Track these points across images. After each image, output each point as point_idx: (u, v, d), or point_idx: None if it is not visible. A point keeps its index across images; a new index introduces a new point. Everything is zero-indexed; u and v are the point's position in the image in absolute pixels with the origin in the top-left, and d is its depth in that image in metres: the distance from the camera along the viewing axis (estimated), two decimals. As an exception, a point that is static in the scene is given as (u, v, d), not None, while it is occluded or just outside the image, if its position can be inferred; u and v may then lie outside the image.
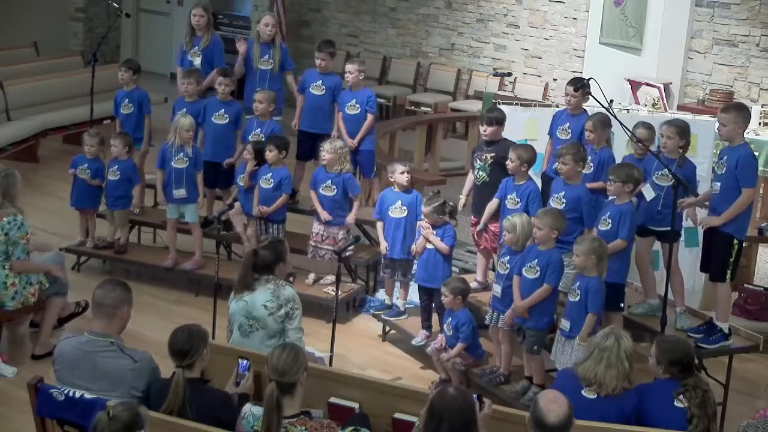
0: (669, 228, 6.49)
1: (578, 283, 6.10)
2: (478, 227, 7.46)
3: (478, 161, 7.52)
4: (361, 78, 8.56)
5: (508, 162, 7.07)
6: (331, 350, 6.58)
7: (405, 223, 7.50)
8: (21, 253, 6.72)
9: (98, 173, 8.42)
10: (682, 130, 6.71)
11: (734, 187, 6.34)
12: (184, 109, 8.55)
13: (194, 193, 8.15)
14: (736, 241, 6.40)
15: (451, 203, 7.24)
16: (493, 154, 7.41)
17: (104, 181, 8.41)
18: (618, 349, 5.10)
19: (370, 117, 8.54)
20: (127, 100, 8.86)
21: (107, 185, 8.41)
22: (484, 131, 7.49)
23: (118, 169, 8.34)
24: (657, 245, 7.05)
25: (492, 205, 7.27)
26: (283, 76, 9.05)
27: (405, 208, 7.50)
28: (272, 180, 7.95)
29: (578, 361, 5.27)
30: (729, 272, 6.44)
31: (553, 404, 4.17)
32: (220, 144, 8.51)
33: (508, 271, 6.51)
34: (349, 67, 8.54)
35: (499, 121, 7.50)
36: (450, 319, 6.73)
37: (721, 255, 6.43)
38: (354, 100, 8.53)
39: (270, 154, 7.92)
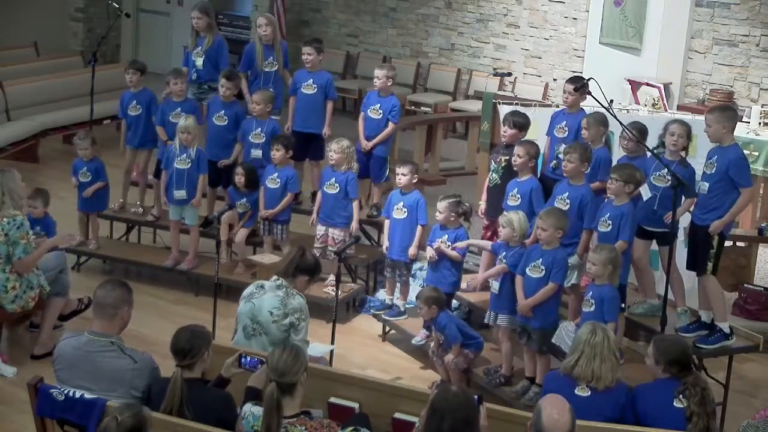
0: (666, 230, 6.53)
1: (591, 293, 6.09)
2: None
3: (493, 163, 7.54)
4: (389, 84, 8.48)
5: (515, 158, 7.03)
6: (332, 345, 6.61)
7: (403, 225, 7.50)
8: (22, 253, 6.69)
9: (99, 173, 8.41)
10: (689, 130, 6.74)
11: (723, 189, 6.35)
12: (179, 109, 8.56)
13: (194, 195, 8.12)
14: (716, 235, 6.43)
15: (466, 204, 7.20)
16: (507, 157, 7.38)
17: (107, 181, 8.44)
18: (608, 342, 5.21)
19: (390, 126, 8.51)
20: (135, 101, 8.82)
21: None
22: (504, 132, 7.49)
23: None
24: (654, 244, 7.05)
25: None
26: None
27: (405, 210, 7.49)
28: (279, 180, 7.97)
29: (568, 363, 5.28)
30: (710, 264, 6.46)
31: (555, 416, 4.17)
32: (219, 144, 8.51)
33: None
34: (377, 72, 8.50)
35: (521, 126, 7.47)
36: (434, 327, 6.78)
37: (702, 248, 6.47)
38: (378, 105, 8.49)
39: (278, 154, 7.94)
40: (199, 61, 9.09)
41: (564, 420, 4.18)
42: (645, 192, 6.56)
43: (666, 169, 6.47)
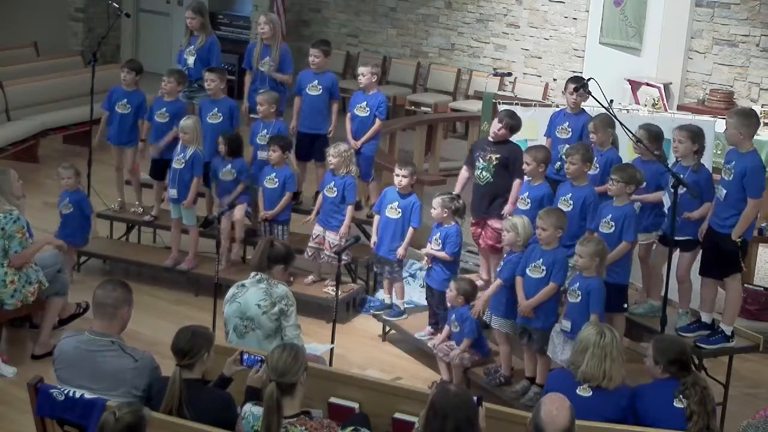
0: (690, 237, 6.53)
1: (577, 284, 6.10)
2: (506, 209, 7.36)
3: (481, 161, 7.45)
4: (374, 80, 8.51)
5: (524, 165, 6.99)
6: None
7: (395, 225, 7.47)
8: (18, 247, 6.69)
9: (80, 206, 8.04)
10: (695, 135, 6.65)
11: (740, 197, 6.31)
12: (164, 109, 8.55)
13: (185, 195, 8.07)
14: (738, 239, 6.40)
15: (460, 201, 7.19)
16: (498, 155, 7.37)
17: (90, 213, 8.12)
18: (617, 342, 5.23)
19: (378, 122, 8.53)
20: (126, 100, 8.81)
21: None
22: (497, 130, 7.45)
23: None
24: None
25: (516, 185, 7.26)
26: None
27: (399, 210, 7.47)
28: (276, 180, 7.97)
29: (575, 362, 5.28)
30: (741, 265, 6.44)
31: (554, 411, 4.18)
32: (216, 144, 8.48)
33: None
34: (361, 69, 8.52)
35: (513, 128, 7.46)
36: (453, 315, 6.75)
37: (727, 253, 6.42)
38: (365, 103, 8.51)
39: (273, 155, 7.95)
40: (191, 60, 9.12)
41: (562, 416, 4.18)
42: (666, 200, 6.55)
43: (684, 175, 6.41)
